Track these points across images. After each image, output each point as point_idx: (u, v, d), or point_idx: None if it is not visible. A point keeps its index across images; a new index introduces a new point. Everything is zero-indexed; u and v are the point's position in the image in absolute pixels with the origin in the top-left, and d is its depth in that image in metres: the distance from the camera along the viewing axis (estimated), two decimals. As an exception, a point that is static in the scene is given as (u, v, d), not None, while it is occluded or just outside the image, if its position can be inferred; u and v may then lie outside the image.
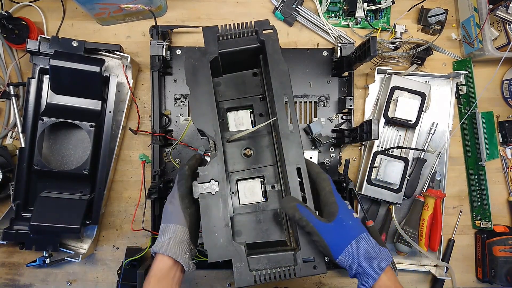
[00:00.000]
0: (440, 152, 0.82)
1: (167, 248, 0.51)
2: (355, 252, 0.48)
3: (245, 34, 0.60)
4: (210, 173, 0.53)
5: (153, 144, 0.76)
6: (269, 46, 0.59)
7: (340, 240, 0.48)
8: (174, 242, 0.52)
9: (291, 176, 0.54)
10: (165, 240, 0.52)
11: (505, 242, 0.80)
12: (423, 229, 0.79)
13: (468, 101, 0.84)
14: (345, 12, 0.84)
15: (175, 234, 0.53)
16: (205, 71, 0.57)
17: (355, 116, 0.84)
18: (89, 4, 0.72)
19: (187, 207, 0.54)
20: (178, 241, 0.52)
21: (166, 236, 0.53)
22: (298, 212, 0.49)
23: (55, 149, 0.74)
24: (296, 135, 0.55)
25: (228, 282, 0.82)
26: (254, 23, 0.60)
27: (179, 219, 0.53)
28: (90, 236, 0.78)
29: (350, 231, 0.49)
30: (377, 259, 0.48)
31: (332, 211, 0.50)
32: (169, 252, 0.51)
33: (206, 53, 0.58)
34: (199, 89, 0.56)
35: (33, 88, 0.72)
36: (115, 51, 0.74)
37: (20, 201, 0.72)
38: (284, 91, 0.57)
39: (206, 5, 0.84)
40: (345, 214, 0.50)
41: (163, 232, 0.54)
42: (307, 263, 0.51)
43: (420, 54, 0.81)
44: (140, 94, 0.83)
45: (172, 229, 0.53)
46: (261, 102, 0.64)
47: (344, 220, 0.49)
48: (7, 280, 0.80)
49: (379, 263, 0.47)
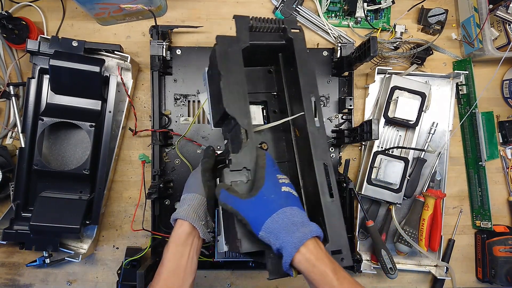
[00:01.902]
0: (440, 152, 0.82)
1: (185, 214, 0.54)
2: (274, 226, 0.45)
3: (272, 30, 0.60)
4: (242, 161, 0.52)
5: (153, 144, 0.76)
6: (297, 44, 0.59)
7: (259, 215, 0.46)
8: (192, 208, 0.55)
9: (319, 172, 0.54)
10: (184, 207, 0.55)
11: (505, 242, 0.80)
12: (423, 229, 0.79)
13: (468, 101, 0.84)
14: (345, 12, 0.84)
15: (194, 202, 0.55)
16: (238, 59, 0.55)
17: (355, 116, 0.83)
18: (89, 4, 0.72)
19: (207, 180, 0.57)
20: (196, 208, 0.55)
21: (186, 203, 0.56)
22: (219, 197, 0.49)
23: (55, 149, 0.74)
24: (323, 132, 0.56)
25: (228, 282, 0.82)
26: (283, 21, 0.60)
27: (198, 189, 0.56)
28: (90, 236, 0.78)
29: (271, 205, 0.46)
30: (296, 232, 0.44)
31: (258, 185, 0.48)
32: (187, 217, 0.54)
33: (238, 41, 0.56)
34: (232, 76, 0.54)
35: (33, 88, 0.72)
36: (115, 51, 0.74)
37: (20, 201, 0.72)
38: (311, 89, 0.57)
39: (206, 5, 0.84)
40: (269, 188, 0.47)
41: (183, 200, 0.57)
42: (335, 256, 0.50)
43: (420, 54, 0.81)
44: (140, 94, 0.83)
45: (191, 197, 0.56)
46: (275, 99, 0.65)
47: (265, 194, 0.47)
48: (7, 280, 0.80)
49: (298, 237, 0.44)
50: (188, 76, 0.80)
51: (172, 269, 0.52)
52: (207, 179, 0.57)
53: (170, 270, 0.52)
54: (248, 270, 0.81)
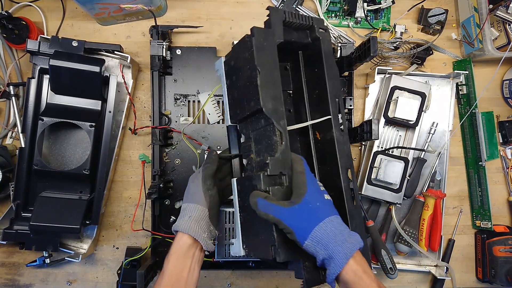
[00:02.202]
0: (440, 152, 0.82)
1: (187, 226, 0.53)
2: (322, 236, 0.43)
3: (301, 27, 0.58)
4: (279, 165, 0.49)
5: (153, 144, 0.76)
6: (325, 46, 0.57)
7: (306, 223, 0.44)
8: (193, 221, 0.53)
9: (344, 178, 0.54)
10: (185, 219, 0.54)
11: (505, 242, 0.80)
12: (423, 229, 0.79)
13: (468, 101, 0.84)
14: (345, 12, 0.84)
15: (195, 213, 0.54)
16: (274, 54, 0.52)
17: (355, 116, 0.83)
18: (89, 4, 0.72)
19: (208, 189, 0.55)
20: (198, 220, 0.53)
21: (186, 215, 0.54)
22: (256, 207, 0.46)
23: (55, 149, 0.74)
24: (347, 138, 0.55)
25: (228, 282, 0.82)
26: (312, 19, 0.58)
27: (199, 199, 0.54)
28: (90, 236, 0.78)
29: (317, 213, 0.45)
30: (345, 243, 0.44)
31: (300, 192, 0.46)
32: (188, 230, 0.52)
33: (273, 35, 0.53)
34: (269, 73, 0.50)
35: (33, 88, 0.72)
36: (115, 51, 0.74)
37: (20, 201, 0.72)
38: (337, 93, 0.56)
39: (206, 5, 0.84)
40: (313, 195, 0.46)
41: (184, 211, 0.55)
42: None
43: (420, 54, 0.81)
44: (140, 94, 0.83)
45: (192, 208, 0.54)
46: (290, 98, 0.63)
47: (310, 202, 0.45)
48: (7, 280, 0.80)
49: (348, 247, 0.43)
50: (188, 76, 0.80)
51: (172, 282, 0.51)
52: (208, 188, 0.55)
53: (170, 283, 0.51)
54: (248, 270, 0.81)
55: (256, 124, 0.53)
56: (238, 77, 0.53)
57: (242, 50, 0.52)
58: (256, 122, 0.53)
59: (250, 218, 0.51)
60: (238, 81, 0.53)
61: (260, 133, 0.52)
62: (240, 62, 0.53)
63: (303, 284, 0.48)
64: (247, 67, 0.51)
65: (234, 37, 0.83)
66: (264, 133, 0.51)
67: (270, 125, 0.50)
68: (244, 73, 0.51)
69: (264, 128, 0.51)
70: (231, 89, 0.56)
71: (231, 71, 0.55)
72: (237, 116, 0.54)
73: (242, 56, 0.52)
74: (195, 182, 0.57)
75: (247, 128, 0.55)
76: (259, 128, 0.52)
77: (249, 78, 0.50)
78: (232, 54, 0.55)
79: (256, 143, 0.53)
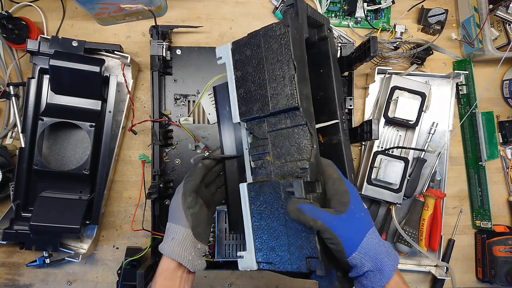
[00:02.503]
0: (440, 152, 0.82)
1: (170, 250, 0.50)
2: (370, 247, 0.42)
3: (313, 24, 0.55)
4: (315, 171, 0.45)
5: (153, 144, 0.76)
6: (332, 46, 0.55)
7: (354, 234, 0.42)
8: (176, 243, 0.51)
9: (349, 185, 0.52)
10: (168, 241, 0.51)
11: (505, 242, 0.80)
12: (423, 229, 0.79)
13: (468, 101, 0.84)
14: (345, 12, 0.84)
15: (177, 235, 0.51)
16: (303, 49, 0.48)
17: (355, 116, 0.83)
18: (89, 4, 0.72)
19: (189, 207, 0.52)
20: (181, 242, 0.51)
21: (169, 236, 0.52)
22: (301, 213, 0.42)
23: (55, 149, 0.74)
24: (348, 143, 0.53)
25: (228, 282, 0.82)
26: (323, 17, 0.55)
27: (181, 220, 0.51)
28: (90, 236, 0.78)
29: (363, 224, 0.43)
30: (390, 255, 0.43)
31: (343, 201, 0.44)
32: (171, 254, 0.50)
33: (302, 29, 0.48)
34: (302, 69, 0.46)
35: (33, 88, 0.72)
36: (115, 51, 0.74)
37: (20, 201, 0.72)
38: (342, 96, 0.54)
39: (206, 5, 0.84)
40: (357, 205, 0.44)
41: (168, 231, 0.53)
42: None
43: (420, 54, 0.81)
44: (140, 94, 0.83)
45: (174, 229, 0.52)
46: None
47: (356, 212, 0.43)
48: (7, 280, 0.80)
49: (393, 259, 0.43)
50: (188, 76, 0.80)
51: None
52: (188, 206, 0.51)
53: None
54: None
55: (278, 124, 0.48)
56: (258, 69, 0.48)
57: (267, 40, 0.47)
58: (278, 122, 0.48)
59: (272, 227, 0.47)
60: (259, 74, 0.48)
61: (282, 134, 0.48)
62: (262, 53, 0.47)
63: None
64: (276, 59, 0.46)
65: (234, 37, 0.83)
66: (289, 134, 0.47)
67: (299, 126, 0.46)
68: (271, 66, 0.47)
69: (291, 129, 0.47)
70: (243, 82, 0.49)
71: (245, 62, 0.49)
72: (252, 113, 0.48)
73: (267, 46, 0.47)
74: (176, 199, 0.53)
75: (261, 128, 0.49)
76: (281, 128, 0.48)
77: (280, 72, 0.46)
78: (248, 42, 0.49)
79: (275, 144, 0.48)
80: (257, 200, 0.48)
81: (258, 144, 0.50)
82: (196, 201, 0.53)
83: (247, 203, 0.49)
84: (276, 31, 0.46)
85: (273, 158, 0.48)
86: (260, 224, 0.48)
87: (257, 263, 0.48)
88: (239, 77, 0.50)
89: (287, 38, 0.45)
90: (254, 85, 0.48)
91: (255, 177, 0.50)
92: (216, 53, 0.51)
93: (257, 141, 0.50)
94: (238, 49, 0.50)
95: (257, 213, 0.48)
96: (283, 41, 0.46)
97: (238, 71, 0.50)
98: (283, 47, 0.46)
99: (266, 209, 0.48)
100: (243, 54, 0.49)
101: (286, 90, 0.45)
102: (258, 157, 0.49)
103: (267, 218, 0.48)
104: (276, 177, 0.48)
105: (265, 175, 0.49)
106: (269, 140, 0.49)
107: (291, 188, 0.45)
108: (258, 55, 0.48)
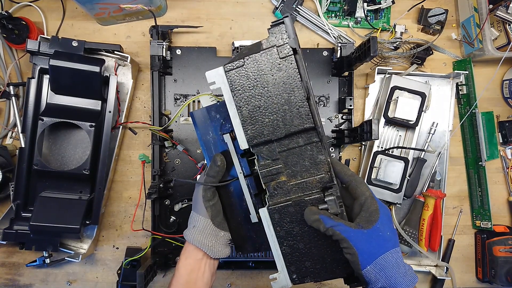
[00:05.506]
0: (440, 152, 0.82)
1: (191, 236, 0.54)
2: (387, 265, 0.44)
3: None
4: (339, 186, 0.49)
5: (153, 144, 0.76)
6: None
7: (373, 249, 0.45)
8: (197, 231, 0.54)
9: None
10: (190, 228, 0.55)
11: (505, 242, 0.80)
12: (423, 229, 0.79)
13: (468, 101, 0.84)
14: (345, 12, 0.84)
15: (198, 223, 0.54)
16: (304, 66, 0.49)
17: (355, 116, 0.84)
18: (89, 4, 0.72)
19: (208, 200, 0.54)
20: (201, 230, 0.54)
21: (192, 224, 0.55)
22: (322, 224, 0.46)
23: (55, 149, 0.74)
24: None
25: (228, 282, 0.82)
26: None
27: (200, 210, 0.55)
28: (90, 236, 0.78)
29: (386, 242, 0.46)
30: (406, 276, 0.45)
31: (372, 219, 0.46)
32: (192, 241, 0.54)
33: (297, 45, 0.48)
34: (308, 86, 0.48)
35: (33, 88, 0.72)
36: (115, 51, 0.74)
37: (20, 201, 0.72)
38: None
39: (206, 5, 0.84)
40: (384, 224, 0.46)
41: (191, 219, 0.56)
42: None
43: (420, 54, 0.81)
44: (140, 94, 0.83)
45: (196, 218, 0.55)
46: None
47: (381, 230, 0.46)
48: (7, 280, 0.80)
49: (409, 280, 0.45)
50: (188, 76, 0.80)
51: (182, 282, 0.53)
52: (208, 199, 0.54)
53: (181, 283, 0.53)
54: (248, 270, 0.81)
55: (289, 144, 0.48)
56: (263, 93, 0.47)
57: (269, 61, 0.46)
58: (290, 142, 0.48)
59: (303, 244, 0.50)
60: (264, 98, 0.47)
61: (294, 152, 0.49)
62: (265, 76, 0.47)
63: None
64: (282, 82, 0.46)
65: (234, 37, 0.83)
66: (302, 152, 0.48)
67: (312, 144, 0.48)
68: (277, 89, 0.46)
69: (303, 147, 0.48)
70: (246, 106, 0.47)
71: (246, 85, 0.47)
72: (263, 137, 0.47)
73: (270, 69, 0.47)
74: (197, 192, 0.56)
75: (271, 149, 0.49)
76: (293, 147, 0.48)
77: (290, 95, 0.46)
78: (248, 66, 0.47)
79: (288, 164, 0.49)
80: (283, 221, 0.50)
81: (269, 166, 0.49)
82: (214, 194, 0.56)
83: (271, 227, 0.50)
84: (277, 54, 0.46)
85: (288, 177, 0.49)
86: (290, 244, 0.50)
87: (292, 279, 0.51)
88: (241, 101, 0.47)
89: (292, 60, 0.46)
90: (260, 109, 0.47)
91: (272, 198, 0.50)
92: (207, 78, 0.48)
93: (264, 165, 0.49)
94: (234, 73, 0.47)
95: (284, 235, 0.50)
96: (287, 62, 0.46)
97: (239, 96, 0.47)
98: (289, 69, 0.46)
99: (294, 228, 0.49)
100: (242, 77, 0.47)
101: (300, 111, 0.46)
102: (271, 179, 0.50)
103: (296, 236, 0.50)
104: (296, 195, 0.50)
105: (283, 195, 0.50)
106: (281, 160, 0.49)
107: (324, 205, 0.48)
108: (261, 78, 0.47)
